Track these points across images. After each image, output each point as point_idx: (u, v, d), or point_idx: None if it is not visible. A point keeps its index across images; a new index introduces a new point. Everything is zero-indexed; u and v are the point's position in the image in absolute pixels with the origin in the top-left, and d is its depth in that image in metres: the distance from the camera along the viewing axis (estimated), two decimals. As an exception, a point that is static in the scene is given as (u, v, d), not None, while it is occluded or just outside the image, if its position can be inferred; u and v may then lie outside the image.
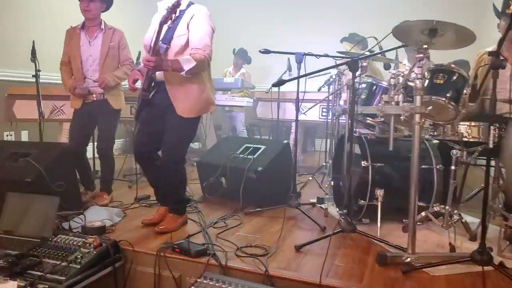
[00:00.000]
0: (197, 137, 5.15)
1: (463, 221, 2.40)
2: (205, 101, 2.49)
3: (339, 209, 2.86)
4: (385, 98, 2.21)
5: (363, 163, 2.54)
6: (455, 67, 2.21)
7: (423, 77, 1.98)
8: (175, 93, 2.41)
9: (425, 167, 2.56)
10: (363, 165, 2.54)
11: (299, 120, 2.97)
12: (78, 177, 3.03)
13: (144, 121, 2.54)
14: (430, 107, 2.00)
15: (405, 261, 1.99)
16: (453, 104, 2.16)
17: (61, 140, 3.86)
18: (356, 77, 2.31)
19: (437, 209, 2.45)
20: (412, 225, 2.02)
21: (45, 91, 3.42)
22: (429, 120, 2.29)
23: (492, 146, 1.91)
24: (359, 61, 2.28)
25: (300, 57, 2.84)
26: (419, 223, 2.47)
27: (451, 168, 2.35)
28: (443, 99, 2.16)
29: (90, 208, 2.73)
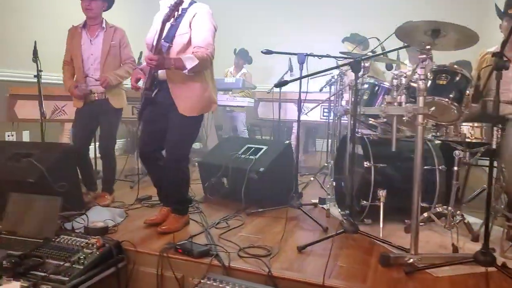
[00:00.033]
0: (198, 138, 5.14)
1: (466, 221, 2.41)
2: (207, 99, 2.49)
3: (341, 210, 2.86)
4: (388, 98, 2.21)
5: (366, 163, 2.54)
6: (458, 68, 2.21)
7: (426, 78, 1.98)
8: (177, 91, 2.40)
9: (427, 167, 2.56)
10: (365, 166, 2.54)
11: (300, 120, 2.97)
12: (80, 177, 3.03)
13: (147, 120, 2.54)
14: (433, 108, 2.01)
15: (408, 262, 1.99)
16: (456, 104, 2.16)
17: (62, 140, 3.86)
18: (358, 78, 2.31)
19: (439, 209, 2.46)
20: (415, 226, 2.02)
21: (47, 91, 3.43)
22: (432, 120, 2.29)
23: (495, 147, 1.91)
24: (361, 62, 2.27)
25: (302, 58, 2.83)
26: (422, 224, 2.47)
27: (454, 168, 2.35)
28: (446, 99, 2.16)
29: (92, 208, 2.72)
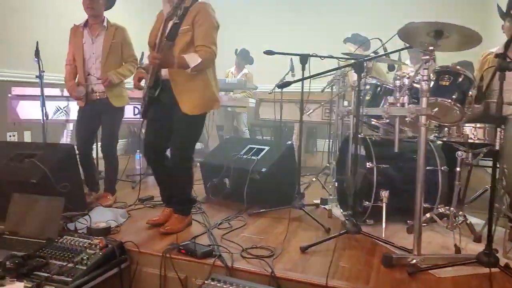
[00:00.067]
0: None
1: (468, 222, 2.40)
2: (210, 97, 2.49)
3: (343, 210, 2.86)
4: (391, 99, 2.21)
5: (368, 164, 2.54)
6: (461, 69, 2.21)
7: (429, 79, 1.98)
8: (180, 90, 2.40)
9: (429, 168, 2.56)
10: (368, 166, 2.54)
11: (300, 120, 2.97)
12: (82, 177, 3.03)
13: (151, 120, 2.55)
14: (436, 109, 2.00)
15: (411, 262, 1.99)
16: (458, 105, 2.16)
17: (64, 140, 3.87)
18: (361, 79, 2.31)
19: (441, 210, 2.46)
20: (418, 227, 2.03)
21: (48, 92, 3.43)
22: (434, 121, 2.29)
23: (498, 147, 1.91)
24: (364, 63, 2.27)
25: (304, 58, 2.83)
26: (424, 224, 2.46)
27: (456, 169, 2.35)
28: (448, 100, 2.16)
29: (94, 209, 2.73)
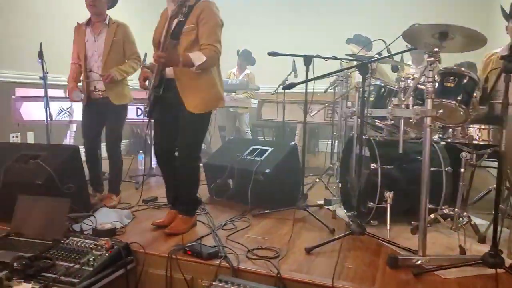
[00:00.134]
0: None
1: (472, 223, 2.41)
2: (215, 96, 2.50)
3: (347, 211, 2.87)
4: (395, 101, 2.22)
5: (373, 165, 2.54)
6: (466, 70, 2.22)
7: (434, 81, 1.99)
8: (185, 88, 2.41)
9: (434, 169, 2.56)
10: (372, 167, 2.55)
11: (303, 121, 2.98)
12: (87, 178, 3.03)
13: (158, 120, 2.56)
14: (441, 110, 2.01)
15: (416, 263, 2.00)
16: (463, 107, 2.17)
17: (67, 141, 3.88)
18: (365, 80, 2.32)
19: (446, 211, 2.46)
20: (423, 228, 2.03)
21: (52, 93, 3.44)
22: (439, 123, 2.29)
23: (504, 149, 1.91)
24: (369, 64, 2.28)
25: (308, 60, 2.83)
26: (428, 225, 2.45)
27: (461, 170, 2.35)
28: (453, 102, 2.17)
29: (99, 210, 2.73)
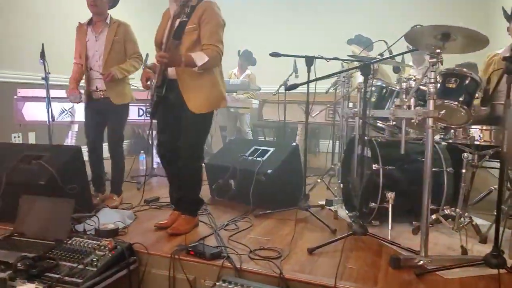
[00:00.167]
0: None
1: (474, 223, 2.42)
2: (217, 96, 2.50)
3: (348, 212, 2.88)
4: (397, 102, 2.23)
5: (374, 166, 2.55)
6: (468, 71, 2.22)
7: (436, 82, 1.99)
8: (187, 89, 2.41)
9: (435, 169, 2.57)
10: (374, 168, 2.55)
11: (304, 121, 2.98)
12: (90, 178, 3.04)
13: (161, 121, 2.57)
14: (443, 111, 2.01)
15: (418, 264, 2.01)
16: (465, 108, 2.17)
17: (69, 142, 3.88)
18: (367, 81, 2.32)
19: (447, 211, 2.47)
20: (425, 228, 2.04)
21: (54, 94, 3.44)
22: (441, 123, 2.30)
23: (506, 149, 1.92)
24: (371, 65, 2.28)
25: (310, 60, 2.84)
26: (429, 226, 2.47)
27: (462, 171, 2.36)
28: (455, 103, 2.17)
29: (102, 210, 2.74)
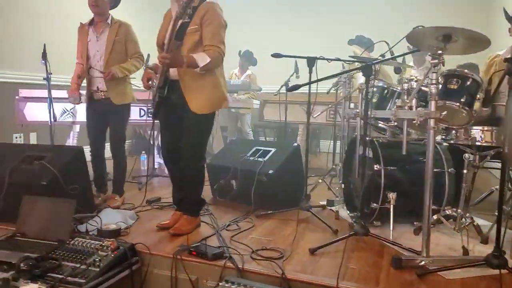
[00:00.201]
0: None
1: (475, 224, 2.42)
2: (219, 96, 2.51)
3: (350, 212, 2.88)
4: (399, 102, 2.23)
5: (376, 166, 2.56)
6: (469, 72, 2.23)
7: (437, 83, 2.00)
8: (189, 89, 2.42)
9: (436, 170, 2.56)
10: (375, 169, 2.56)
11: (305, 122, 2.99)
12: (91, 178, 3.04)
13: (164, 122, 2.59)
14: (444, 112, 2.02)
15: (420, 264, 2.01)
16: (466, 109, 2.18)
17: (70, 142, 3.89)
18: (369, 82, 2.33)
19: (448, 212, 2.48)
20: (426, 229, 2.05)
21: (55, 94, 3.45)
22: (442, 124, 2.31)
23: (507, 150, 1.92)
24: (373, 66, 2.29)
25: (311, 61, 2.84)
26: (431, 226, 2.48)
27: (464, 171, 2.36)
28: (457, 104, 2.18)
29: (103, 210, 2.74)
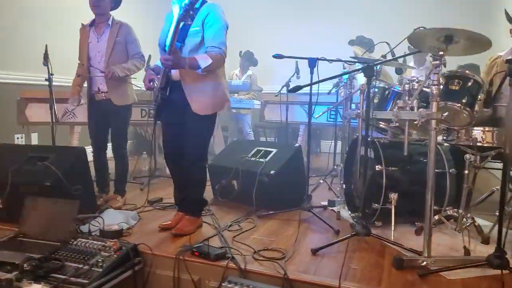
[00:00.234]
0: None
1: (476, 224, 2.43)
2: (221, 97, 2.53)
3: (351, 212, 2.89)
4: (400, 103, 2.24)
5: (377, 167, 2.56)
6: (471, 73, 2.24)
7: (439, 84, 2.01)
8: (191, 90, 2.43)
9: (438, 171, 2.57)
10: (377, 169, 2.56)
11: (306, 122, 2.99)
12: (94, 178, 3.05)
13: (166, 123, 2.60)
14: (446, 113, 2.03)
15: (421, 264, 2.02)
16: (468, 109, 2.19)
17: (72, 143, 3.90)
18: (371, 83, 2.33)
19: (450, 212, 2.48)
20: (428, 229, 2.05)
21: (57, 95, 3.45)
22: (444, 125, 2.31)
23: (508, 151, 1.93)
24: (374, 67, 2.30)
25: (313, 62, 2.85)
26: (432, 226, 2.49)
27: (465, 172, 2.37)
28: (458, 105, 2.19)
29: (106, 211, 2.75)
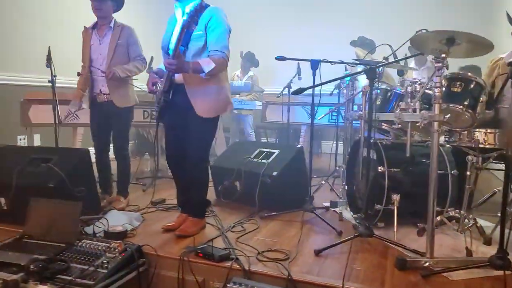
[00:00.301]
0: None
1: (478, 225, 2.44)
2: (223, 100, 2.55)
3: (353, 213, 2.90)
4: (403, 105, 2.25)
5: (380, 168, 2.58)
6: (472, 76, 2.25)
7: (441, 86, 2.02)
8: (195, 94, 2.45)
9: (440, 172, 2.59)
10: (379, 170, 2.58)
11: (308, 123, 3.00)
12: (97, 180, 3.06)
13: (169, 125, 2.61)
14: (448, 115, 2.04)
15: (424, 265, 2.03)
16: (470, 111, 2.21)
17: (75, 144, 3.91)
18: (373, 84, 2.35)
19: (452, 213, 2.50)
20: (430, 230, 2.07)
21: (60, 96, 3.46)
22: (446, 127, 2.33)
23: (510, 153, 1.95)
24: (377, 69, 2.31)
25: (315, 64, 2.86)
26: (434, 227, 2.50)
27: (467, 173, 2.38)
28: (460, 107, 2.20)
29: (109, 212, 2.76)
